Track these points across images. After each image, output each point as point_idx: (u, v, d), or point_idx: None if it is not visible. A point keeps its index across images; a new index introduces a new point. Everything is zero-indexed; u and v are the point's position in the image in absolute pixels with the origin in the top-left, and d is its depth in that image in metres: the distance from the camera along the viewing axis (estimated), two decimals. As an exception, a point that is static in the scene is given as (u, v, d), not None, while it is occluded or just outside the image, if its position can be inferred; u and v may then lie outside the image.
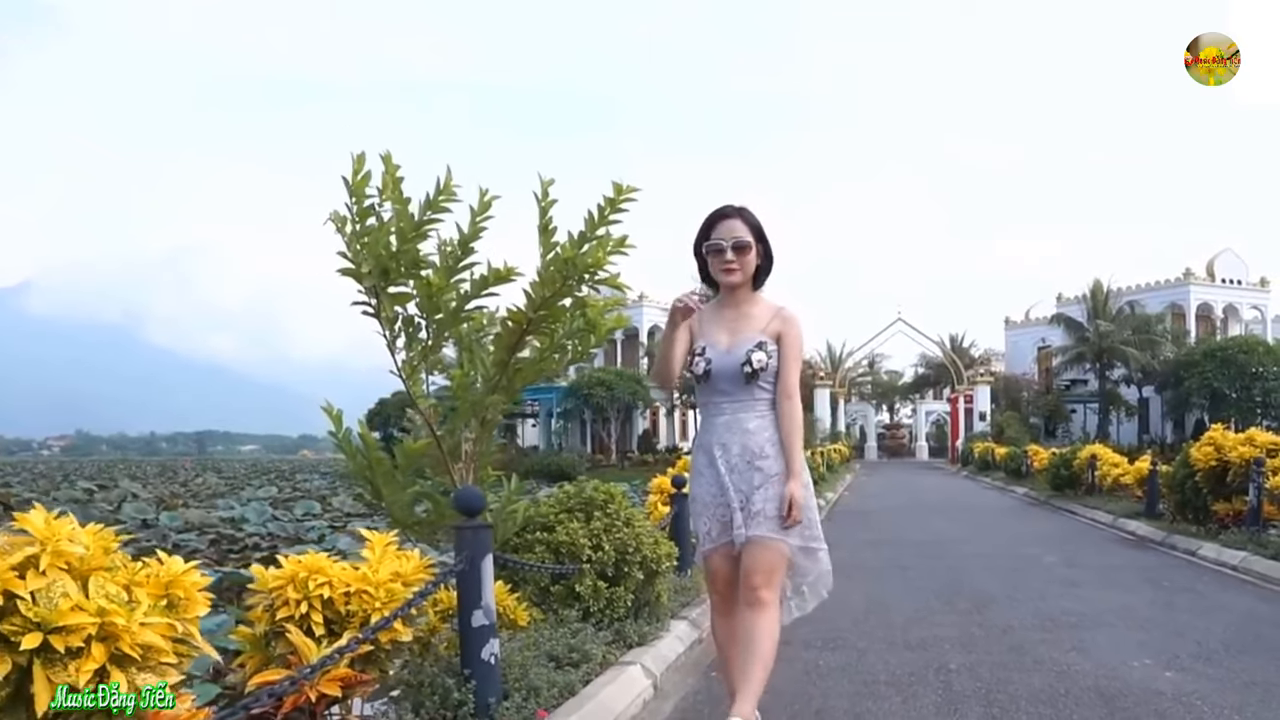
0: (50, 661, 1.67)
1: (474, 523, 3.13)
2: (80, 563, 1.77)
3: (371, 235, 3.27)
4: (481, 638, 3.09)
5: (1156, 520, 10.87)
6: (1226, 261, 42.10)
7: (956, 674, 4.19)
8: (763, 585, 2.85)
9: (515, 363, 3.99)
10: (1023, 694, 3.82)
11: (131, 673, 1.76)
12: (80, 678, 1.68)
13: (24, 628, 1.66)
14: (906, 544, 9.89)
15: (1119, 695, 3.80)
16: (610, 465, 38.97)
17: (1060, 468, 16.89)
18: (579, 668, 3.61)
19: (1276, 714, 3.57)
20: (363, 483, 4.07)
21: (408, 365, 3.72)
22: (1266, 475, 8.51)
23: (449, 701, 3.02)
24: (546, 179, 3.53)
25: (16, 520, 1.77)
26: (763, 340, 2.92)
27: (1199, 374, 33.04)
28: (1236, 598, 6.38)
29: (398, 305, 3.50)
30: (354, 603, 2.89)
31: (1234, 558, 7.85)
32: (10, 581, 1.66)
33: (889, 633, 5.14)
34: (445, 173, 3.37)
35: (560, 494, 4.60)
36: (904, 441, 50.37)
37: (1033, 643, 4.83)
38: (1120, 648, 4.70)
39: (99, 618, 1.72)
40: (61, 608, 1.69)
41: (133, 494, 23.18)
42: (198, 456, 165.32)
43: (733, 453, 2.92)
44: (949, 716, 3.55)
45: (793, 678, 4.11)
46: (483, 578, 3.10)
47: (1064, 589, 6.72)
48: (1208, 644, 4.78)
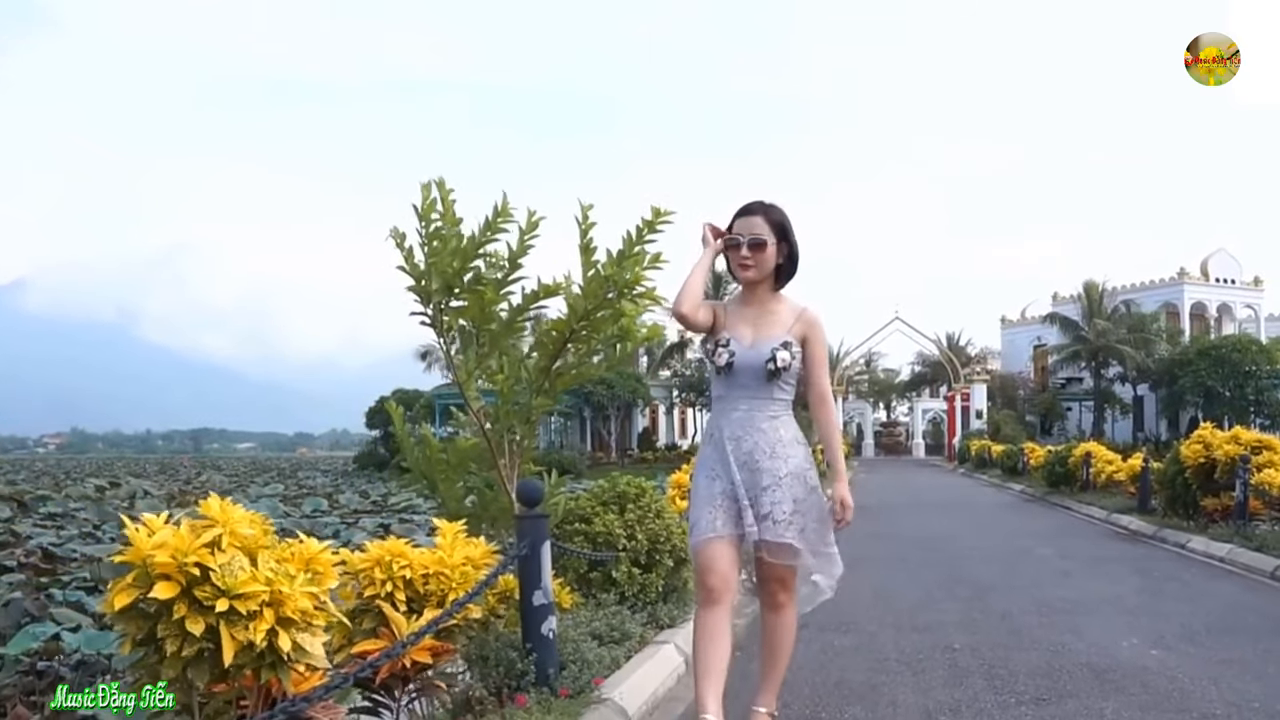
0: (232, 622, 2.05)
1: (534, 512, 3.51)
2: (250, 542, 2.15)
3: (437, 256, 3.64)
4: (541, 615, 3.46)
5: (1149, 515, 11.27)
6: (1220, 261, 42.60)
7: (960, 653, 4.58)
8: (781, 591, 3.00)
9: (557, 368, 4.37)
10: (1021, 669, 4.22)
11: (293, 632, 2.13)
12: (256, 635, 2.06)
13: (214, 595, 2.03)
14: (908, 538, 10.29)
15: (1109, 670, 4.20)
16: (611, 463, 39.33)
17: (1056, 465, 17.30)
18: (621, 644, 4.00)
19: (1249, 684, 3.97)
20: (418, 476, 4.44)
21: (463, 370, 4.10)
22: (1251, 471, 8.92)
23: (513, 671, 3.39)
24: (587, 204, 3.90)
25: (200, 507, 2.15)
26: (788, 340, 2.92)
27: (1193, 372, 33.51)
28: (1221, 586, 6.78)
29: (460, 319, 3.87)
30: (432, 583, 3.26)
31: (1221, 550, 8.26)
32: (204, 557, 2.03)
33: (896, 617, 5.53)
34: (501, 198, 3.75)
35: (596, 488, 4.99)
36: (901, 439, 50.81)
37: (1029, 626, 5.23)
38: (1110, 630, 5.10)
39: (268, 587, 2.09)
40: (240, 579, 2.06)
41: (144, 491, 23.56)
42: (194, 454, 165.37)
43: (743, 449, 2.92)
44: (955, 688, 3.94)
45: (811, 656, 4.49)
46: (542, 562, 3.47)
47: (1058, 578, 7.13)
48: (1191, 627, 5.18)
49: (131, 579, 2.03)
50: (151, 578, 2.02)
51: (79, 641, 7.02)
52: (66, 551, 12.39)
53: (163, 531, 2.08)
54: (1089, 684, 3.97)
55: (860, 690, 3.93)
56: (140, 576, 2.03)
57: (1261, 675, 4.12)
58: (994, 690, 3.89)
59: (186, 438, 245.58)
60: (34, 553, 12.04)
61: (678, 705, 3.78)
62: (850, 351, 48.63)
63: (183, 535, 2.06)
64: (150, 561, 2.01)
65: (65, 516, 18.00)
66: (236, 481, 36.08)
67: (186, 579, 2.03)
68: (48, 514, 18.51)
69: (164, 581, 2.01)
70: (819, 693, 3.89)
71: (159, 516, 2.14)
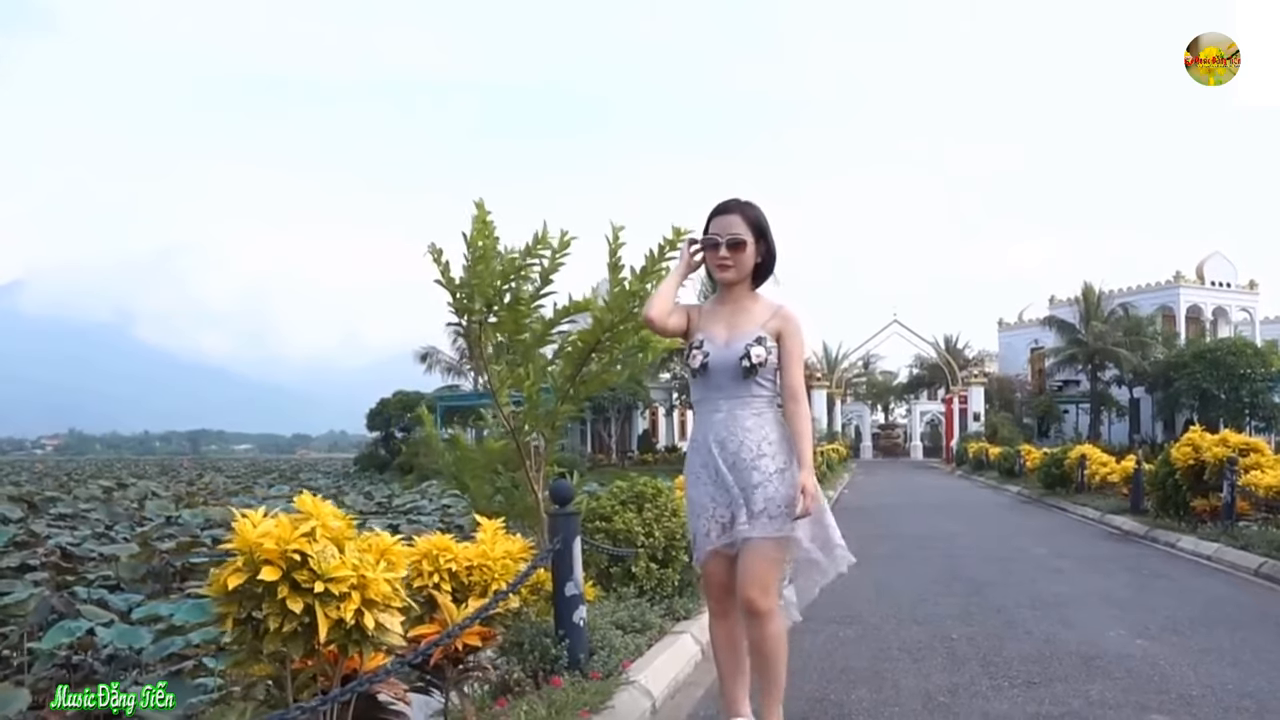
0: (325, 602, 2.35)
1: (566, 510, 3.82)
2: (338, 533, 2.46)
3: (480, 278, 3.96)
4: (573, 605, 3.77)
5: (1141, 516, 11.60)
6: (1216, 265, 42.97)
7: (958, 642, 4.90)
8: (759, 596, 2.83)
9: (581, 377, 4.68)
10: (1014, 656, 4.54)
11: (375, 612, 2.44)
12: (347, 614, 2.36)
13: (310, 579, 2.34)
14: (907, 537, 10.61)
15: (1096, 657, 4.52)
16: (611, 464, 39.62)
17: (1051, 467, 17.63)
18: (643, 634, 4.32)
19: (1225, 670, 4.29)
20: (450, 476, 4.75)
21: (496, 379, 4.41)
22: (1239, 473, 9.25)
23: (547, 656, 3.70)
24: (618, 225, 4.22)
25: (295, 503, 2.46)
26: (762, 335, 2.85)
27: (1188, 375, 33.82)
28: (1207, 583, 7.11)
29: (497, 333, 4.19)
30: (475, 575, 3.57)
31: (1209, 549, 8.58)
32: (302, 545, 2.34)
33: (897, 611, 5.85)
34: (542, 226, 4.06)
35: (615, 488, 5.30)
36: (899, 441, 51.17)
37: (1023, 618, 5.54)
38: (1099, 622, 5.42)
39: (355, 573, 2.40)
40: (332, 565, 2.37)
41: (152, 492, 23.82)
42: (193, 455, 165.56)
43: (729, 450, 2.85)
44: (953, 673, 4.25)
45: (818, 645, 4.81)
46: (573, 556, 3.78)
47: (1051, 575, 7.45)
48: (1175, 619, 5.51)
49: (241, 563, 2.33)
50: (256, 563, 2.33)
51: (112, 636, 7.33)
52: (84, 551, 12.68)
53: (265, 524, 2.39)
54: (1076, 669, 4.29)
55: (865, 675, 4.24)
56: (247, 562, 2.34)
57: (1237, 662, 4.44)
58: (988, 675, 4.20)
59: (184, 439, 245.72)
60: (53, 552, 12.32)
61: (697, 689, 4.09)
62: (849, 354, 49.06)
63: (284, 526, 2.37)
64: (257, 549, 2.32)
65: (76, 517, 18.26)
66: (240, 483, 36.33)
67: (287, 564, 2.34)
68: (59, 515, 18.77)
69: (268, 566, 2.32)
70: (827, 677, 4.20)
71: (258, 512, 2.45)
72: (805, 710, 3.68)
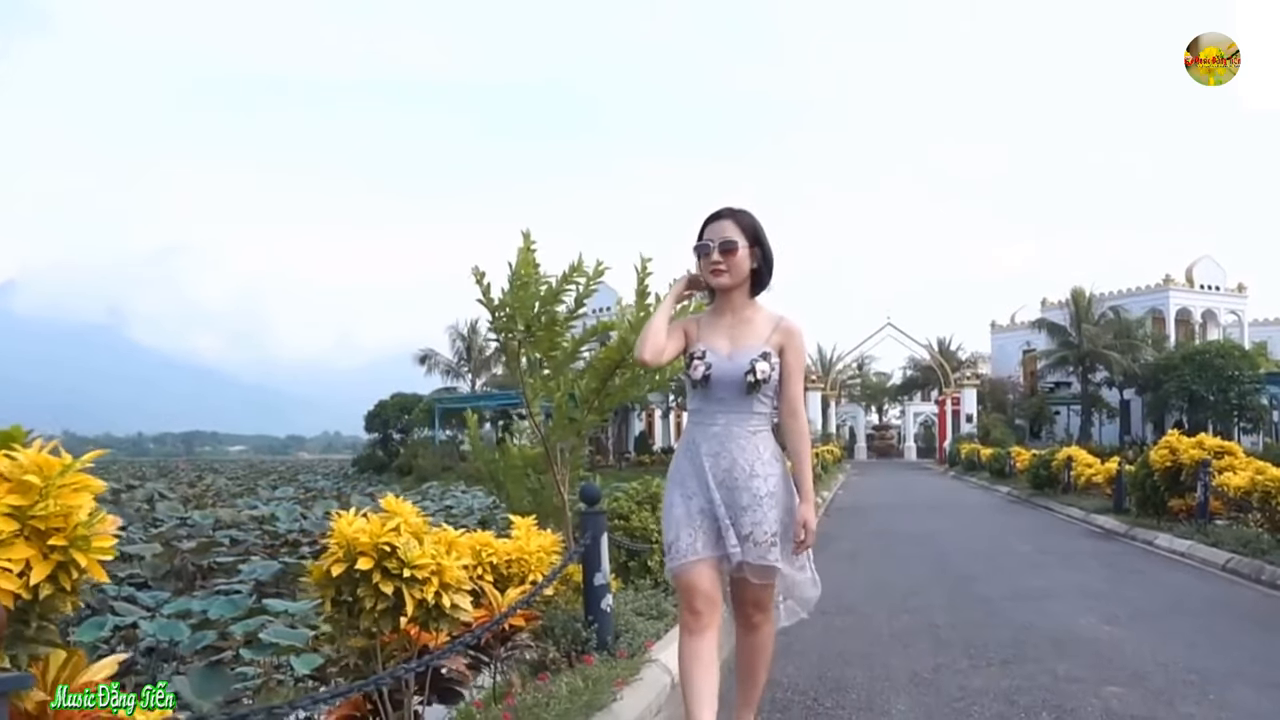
0: (411, 586, 2.84)
1: (595, 509, 4.31)
2: (417, 529, 2.94)
3: (522, 301, 4.44)
4: (600, 593, 4.26)
5: (1123, 515, 12.13)
6: (1205, 268, 43.59)
7: (943, 629, 5.40)
8: (758, 612, 2.91)
9: (606, 389, 5.16)
10: (993, 641, 5.04)
11: (450, 594, 2.93)
12: (429, 594, 2.84)
13: (398, 566, 2.82)
14: (900, 535, 11.12)
15: (1066, 642, 5.02)
16: (609, 466, 40.07)
17: (1040, 468, 18.18)
18: (660, 620, 4.80)
19: (1179, 651, 4.80)
20: (487, 478, 5.23)
21: (531, 390, 4.89)
22: (1213, 475, 9.78)
23: (579, 638, 4.19)
24: (646, 257, 4.69)
25: (382, 503, 2.95)
26: (767, 351, 2.78)
27: (1178, 377, 34.38)
28: (1177, 577, 7.63)
29: (534, 351, 4.67)
30: (514, 567, 4.06)
31: (1183, 545, 9.10)
32: (390, 538, 2.82)
33: (889, 602, 6.34)
34: (578, 256, 4.55)
35: (631, 490, 5.79)
36: (893, 442, 51.77)
37: (1004, 609, 6.05)
38: (1072, 611, 5.93)
39: (434, 561, 2.89)
40: (415, 554, 2.85)
41: (159, 494, 24.25)
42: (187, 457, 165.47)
43: (722, 466, 2.77)
44: (937, 655, 4.75)
45: (815, 634, 5.29)
46: (601, 550, 4.27)
47: (1034, 570, 7.96)
48: (1142, 608, 6.02)
49: (340, 554, 2.82)
50: (353, 554, 2.81)
51: (154, 629, 7.80)
52: (105, 550, 13.12)
53: (358, 521, 2.87)
54: (1048, 651, 4.79)
55: (858, 658, 4.73)
56: (346, 553, 2.82)
57: (1192, 644, 4.95)
58: (969, 657, 4.70)
59: (178, 440, 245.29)
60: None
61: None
62: (843, 356, 49.65)
63: (375, 523, 2.85)
64: (354, 542, 2.80)
65: (90, 518, 18.66)
66: (242, 485, 36.74)
67: (378, 554, 2.82)
68: (71, 516, 19.17)
69: (363, 556, 2.80)
70: (824, 659, 4.69)
71: (350, 512, 2.94)
72: (806, 685, 4.17)
